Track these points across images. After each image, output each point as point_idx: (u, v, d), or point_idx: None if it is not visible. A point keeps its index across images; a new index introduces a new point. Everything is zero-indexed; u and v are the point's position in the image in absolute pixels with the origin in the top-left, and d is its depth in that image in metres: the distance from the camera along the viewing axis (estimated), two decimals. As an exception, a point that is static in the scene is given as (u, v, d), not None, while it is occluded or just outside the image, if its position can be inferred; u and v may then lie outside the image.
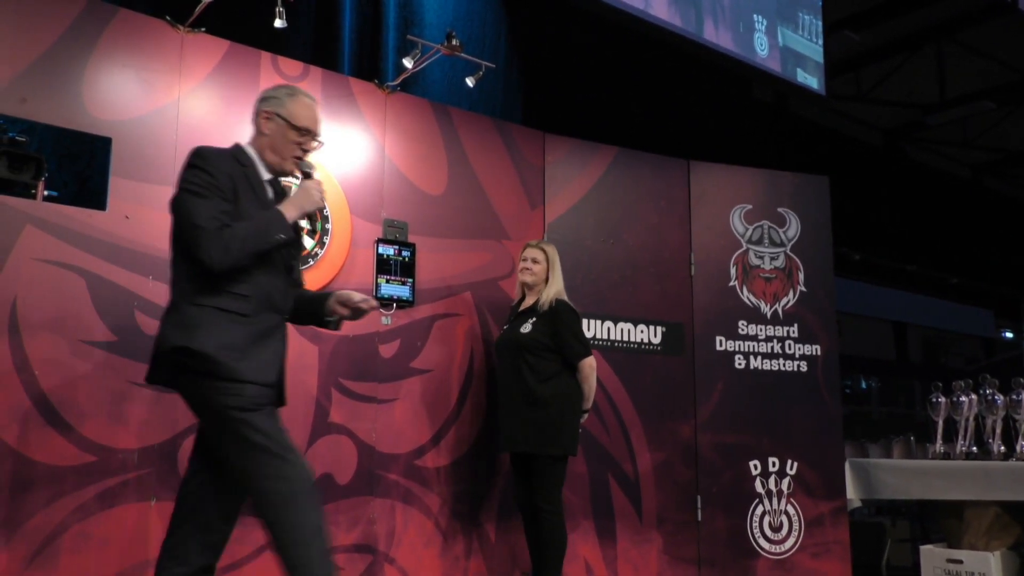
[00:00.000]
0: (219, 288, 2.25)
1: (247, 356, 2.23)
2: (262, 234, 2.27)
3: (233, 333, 2.24)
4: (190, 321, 2.23)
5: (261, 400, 2.25)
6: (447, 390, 3.82)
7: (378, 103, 3.78)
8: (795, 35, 6.14)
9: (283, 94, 2.46)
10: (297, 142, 2.42)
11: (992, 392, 4.22)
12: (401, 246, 3.72)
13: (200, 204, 2.25)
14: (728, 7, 5.71)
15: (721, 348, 4.50)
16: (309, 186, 2.41)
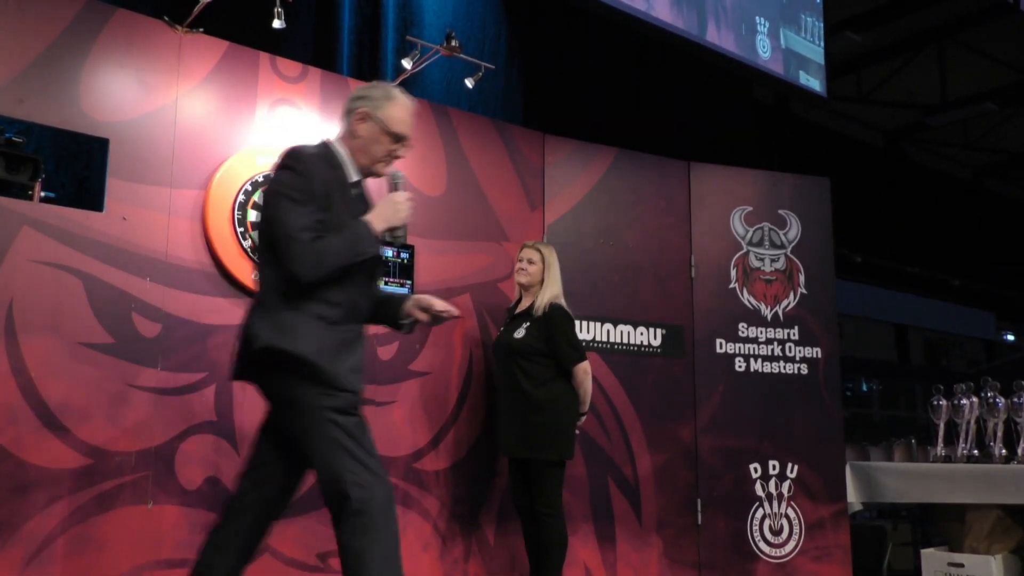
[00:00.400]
0: (313, 294, 2.26)
1: (336, 363, 2.26)
2: (352, 249, 2.27)
3: (325, 340, 2.26)
4: (286, 324, 2.24)
5: (354, 408, 2.29)
6: (446, 393, 3.80)
7: (377, 104, 3.76)
8: (797, 37, 6.13)
9: (380, 95, 2.41)
10: (390, 149, 2.39)
11: (993, 395, 4.20)
12: (400, 248, 3.69)
13: (295, 212, 2.23)
14: (731, 9, 5.69)
15: (721, 350, 4.48)
16: (397, 200, 2.38)
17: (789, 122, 8.87)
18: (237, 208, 3.32)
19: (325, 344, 2.25)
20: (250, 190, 3.36)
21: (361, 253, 2.28)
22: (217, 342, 3.23)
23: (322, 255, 2.21)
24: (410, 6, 4.59)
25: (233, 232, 3.30)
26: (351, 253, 2.26)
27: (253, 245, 3.33)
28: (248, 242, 3.32)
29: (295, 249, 2.21)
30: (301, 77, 3.57)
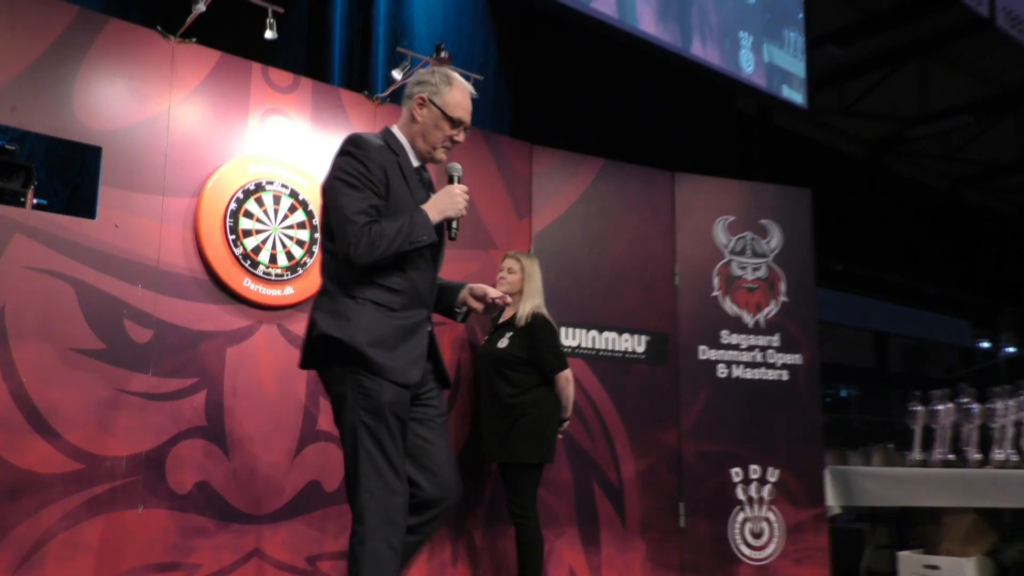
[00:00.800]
0: (373, 281, 2.30)
1: (394, 353, 2.29)
2: (406, 236, 2.28)
3: (383, 328, 2.29)
4: (345, 312, 2.29)
5: (399, 404, 2.30)
6: (434, 398, 3.81)
7: (368, 114, 3.79)
8: (780, 51, 6.23)
9: (439, 80, 2.43)
10: (448, 134, 2.42)
11: (968, 401, 4.27)
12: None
13: (352, 196, 2.28)
14: (715, 24, 5.77)
15: (704, 357, 4.53)
16: (455, 191, 2.40)
17: (772, 133, 8.95)
18: (229, 216, 3.33)
19: (382, 332, 2.27)
20: (242, 198, 3.37)
21: (416, 240, 2.29)
22: (208, 348, 3.25)
23: (376, 239, 2.24)
24: (401, 18, 4.62)
25: (225, 239, 3.32)
26: (405, 240, 2.27)
27: (244, 252, 3.34)
28: (240, 250, 3.34)
29: (349, 232, 2.25)
30: (293, 87, 3.59)
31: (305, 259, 3.49)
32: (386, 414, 2.28)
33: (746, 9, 6.08)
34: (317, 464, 3.45)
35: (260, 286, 3.37)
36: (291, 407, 3.41)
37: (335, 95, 3.74)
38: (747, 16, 6.05)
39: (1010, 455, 4.19)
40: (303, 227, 3.51)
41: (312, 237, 3.53)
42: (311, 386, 3.46)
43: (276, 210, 3.46)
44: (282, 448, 3.37)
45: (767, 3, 6.26)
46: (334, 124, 3.68)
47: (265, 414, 3.35)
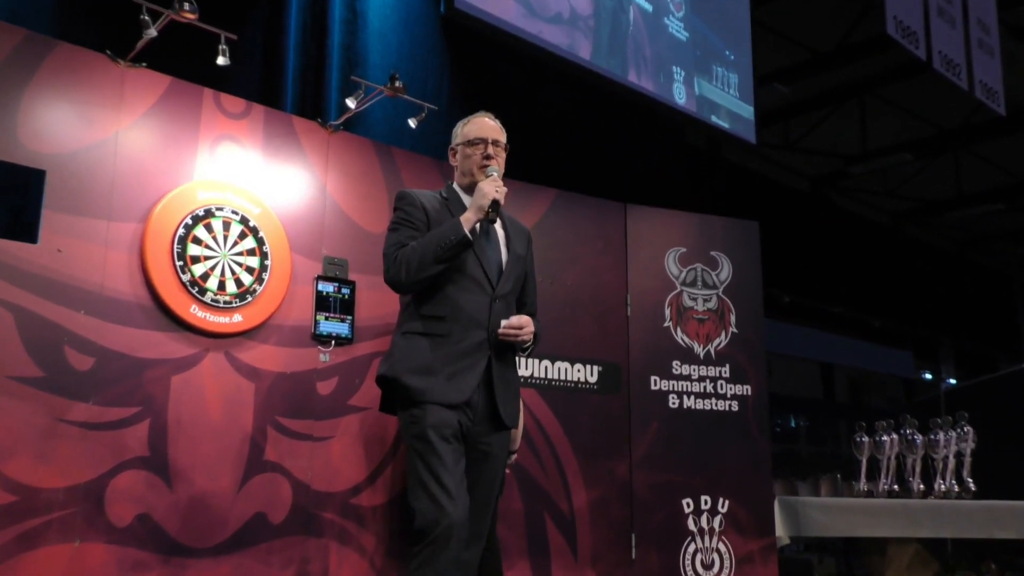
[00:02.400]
0: (418, 313, 2.41)
1: (436, 376, 2.33)
2: (433, 240, 2.37)
3: (427, 354, 2.36)
4: (392, 350, 2.44)
5: (443, 425, 2.33)
6: (384, 428, 3.77)
7: (320, 142, 3.77)
8: (711, 86, 6.47)
9: (456, 130, 2.67)
10: (476, 154, 2.57)
11: (912, 432, 4.36)
12: (341, 283, 3.69)
13: (391, 237, 2.49)
14: (650, 58, 5.95)
15: (656, 387, 4.56)
16: (481, 185, 2.49)
17: (721, 166, 9.13)
18: (177, 242, 3.28)
19: (427, 360, 2.34)
20: (190, 223, 3.32)
21: (445, 241, 2.35)
22: (152, 376, 3.17)
23: (405, 256, 2.36)
24: (355, 47, 4.63)
25: (172, 265, 3.25)
26: (432, 245, 2.35)
27: (192, 279, 3.29)
28: (187, 276, 3.28)
29: (386, 263, 2.43)
30: (244, 113, 3.56)
31: (255, 286, 3.44)
32: (431, 437, 2.32)
33: (678, 45, 6.28)
34: (263, 495, 3.37)
35: (208, 313, 3.31)
36: (237, 437, 3.34)
37: (288, 122, 3.72)
38: (679, 52, 6.25)
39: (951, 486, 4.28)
40: (253, 254, 3.46)
41: (263, 264, 3.48)
42: (258, 416, 3.40)
43: (226, 236, 3.41)
44: (227, 479, 3.30)
45: (697, 40, 6.52)
46: (286, 151, 3.66)
47: (210, 444, 3.27)
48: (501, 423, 2.45)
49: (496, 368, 2.42)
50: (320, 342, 3.60)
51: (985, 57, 6.90)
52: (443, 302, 2.38)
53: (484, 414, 2.42)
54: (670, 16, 6.30)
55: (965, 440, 4.38)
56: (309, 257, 3.65)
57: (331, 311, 3.64)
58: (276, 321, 3.49)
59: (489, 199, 2.44)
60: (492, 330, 2.42)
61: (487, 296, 2.44)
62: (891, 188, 11.12)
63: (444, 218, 2.48)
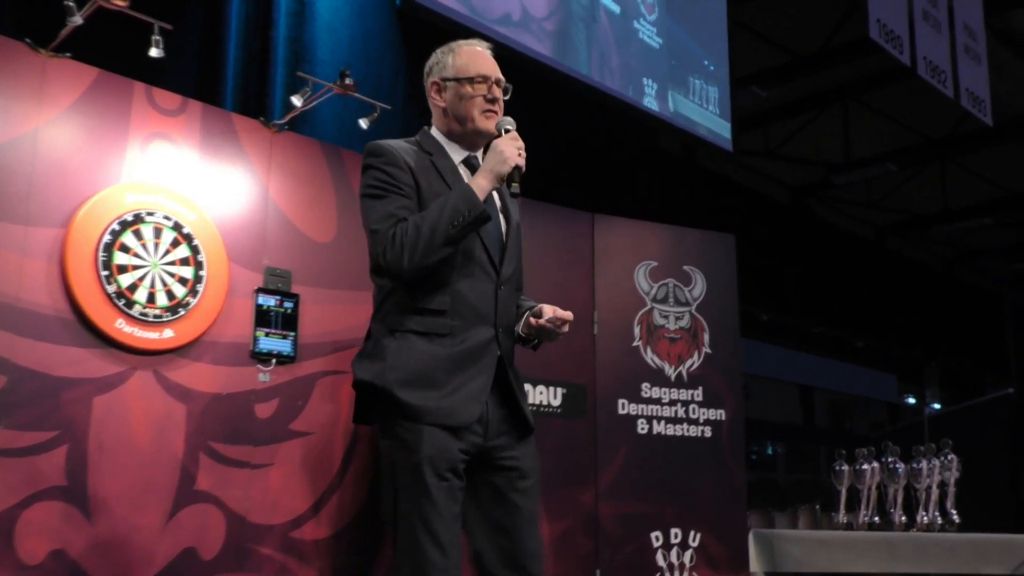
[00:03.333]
0: (412, 306, 2.07)
1: (439, 391, 2.03)
2: (445, 216, 2.00)
3: (427, 361, 2.04)
4: (378, 351, 2.09)
5: (441, 457, 2.02)
6: (330, 454, 3.75)
7: (263, 142, 3.75)
8: (687, 101, 6.38)
9: (439, 56, 2.26)
10: (476, 95, 2.20)
11: (894, 460, 4.43)
12: (283, 297, 3.66)
13: (375, 206, 2.10)
14: (616, 68, 5.84)
15: (624, 411, 4.58)
16: (497, 144, 2.14)
17: (696, 174, 9.25)
18: (102, 249, 3.23)
19: (426, 367, 2.03)
20: (118, 230, 3.28)
21: (458, 218, 2.00)
22: (72, 397, 3.12)
23: (405, 236, 2.00)
24: (302, 40, 4.62)
25: (96, 276, 3.21)
26: (444, 223, 2.00)
27: (118, 290, 3.24)
28: (113, 287, 3.23)
29: (376, 242, 2.05)
30: (180, 110, 3.53)
31: (188, 299, 3.40)
32: (424, 472, 2.01)
33: (650, 54, 6.13)
34: (194, 529, 3.32)
35: (135, 328, 3.26)
36: (166, 464, 3.29)
37: (227, 120, 3.69)
38: (651, 63, 6.11)
39: (935, 518, 4.36)
40: (187, 263, 3.43)
41: (197, 275, 3.44)
42: (190, 441, 3.35)
43: (157, 244, 3.37)
44: (154, 511, 3.24)
45: (672, 48, 6.32)
46: (225, 152, 3.63)
47: (135, 472, 3.22)
48: (524, 429, 2.17)
49: (509, 368, 2.17)
50: (260, 360, 3.57)
51: (971, 64, 7.10)
52: (442, 292, 2.06)
53: (500, 424, 2.14)
54: (641, 19, 6.06)
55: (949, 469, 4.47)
56: (249, 268, 3.62)
57: (272, 327, 3.62)
58: (211, 337, 3.45)
59: (511, 164, 2.10)
60: (499, 324, 2.14)
61: (491, 282, 2.16)
62: (875, 200, 11.34)
63: (432, 178, 2.13)
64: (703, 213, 8.73)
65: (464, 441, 2.08)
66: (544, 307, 2.26)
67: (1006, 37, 8.52)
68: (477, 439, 2.11)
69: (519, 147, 2.18)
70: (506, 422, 2.17)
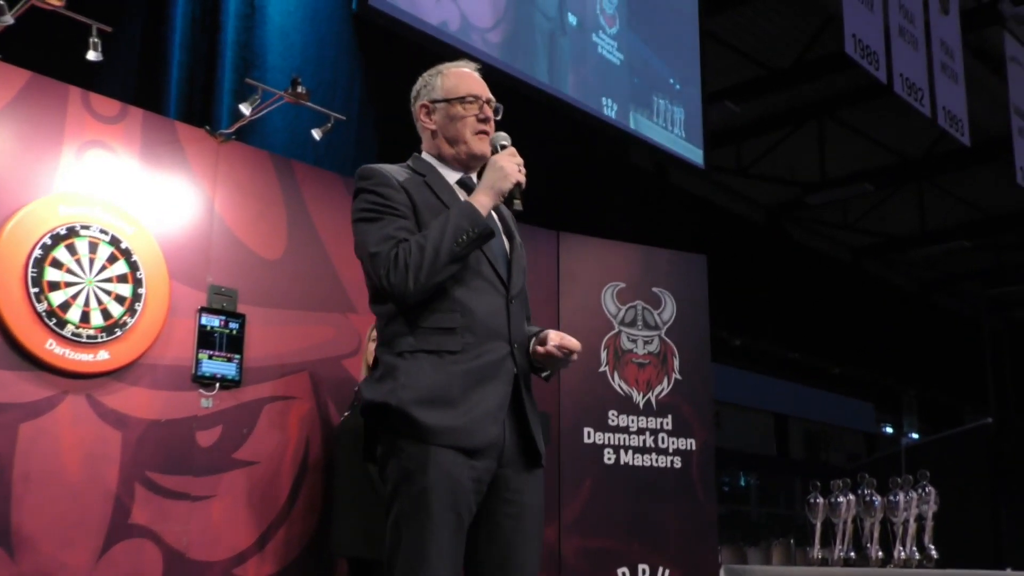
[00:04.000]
0: (420, 326, 2.07)
1: (455, 410, 2.01)
2: (449, 234, 2.04)
3: (441, 378, 2.03)
4: (388, 372, 2.06)
5: (450, 487, 1.98)
6: (276, 485, 3.72)
7: (209, 152, 3.74)
8: (650, 122, 6.23)
9: (428, 79, 2.32)
10: (467, 115, 2.24)
11: (870, 493, 4.48)
12: (228, 317, 3.64)
13: (371, 229, 2.10)
14: (573, 85, 5.70)
15: (589, 440, 4.60)
16: (496, 160, 2.17)
17: (667, 192, 9.34)
18: (32, 264, 3.19)
19: (440, 385, 2.02)
20: (49, 244, 3.24)
21: (462, 237, 2.04)
22: (-3, 424, 3.06)
23: (409, 256, 2.03)
24: (252, 45, 4.61)
25: (25, 293, 3.16)
26: (447, 241, 2.03)
27: (49, 309, 3.20)
28: (44, 305, 3.18)
29: (377, 265, 2.06)
30: (119, 117, 3.51)
31: (125, 319, 3.36)
32: (430, 502, 1.98)
33: (609, 70, 5.94)
34: (128, 566, 3.27)
35: (67, 349, 3.22)
36: (98, 496, 3.24)
37: (170, 129, 3.68)
38: (610, 78, 5.92)
39: (912, 553, 4.41)
40: (124, 280, 3.39)
41: (135, 293, 3.40)
42: (125, 471, 3.31)
43: (92, 260, 3.34)
44: (84, 547, 3.19)
45: (635, 64, 6.17)
46: (168, 162, 3.61)
47: (65, 505, 3.16)
48: (534, 459, 2.14)
49: (524, 390, 2.16)
50: (202, 385, 3.55)
51: (948, 82, 7.27)
52: (451, 310, 2.08)
53: (514, 451, 2.11)
54: (600, 32, 5.89)
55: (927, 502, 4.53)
56: (192, 286, 3.60)
57: (216, 349, 3.59)
58: (150, 360, 3.42)
59: (512, 181, 2.15)
60: (514, 340, 2.15)
61: (501, 297, 2.17)
62: (851, 221, 11.53)
63: (427, 197, 2.17)
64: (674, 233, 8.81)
65: (477, 467, 2.05)
66: (549, 333, 2.24)
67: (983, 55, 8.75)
68: (492, 465, 2.08)
69: (519, 163, 2.19)
70: (517, 449, 2.13)
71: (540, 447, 2.15)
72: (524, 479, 2.13)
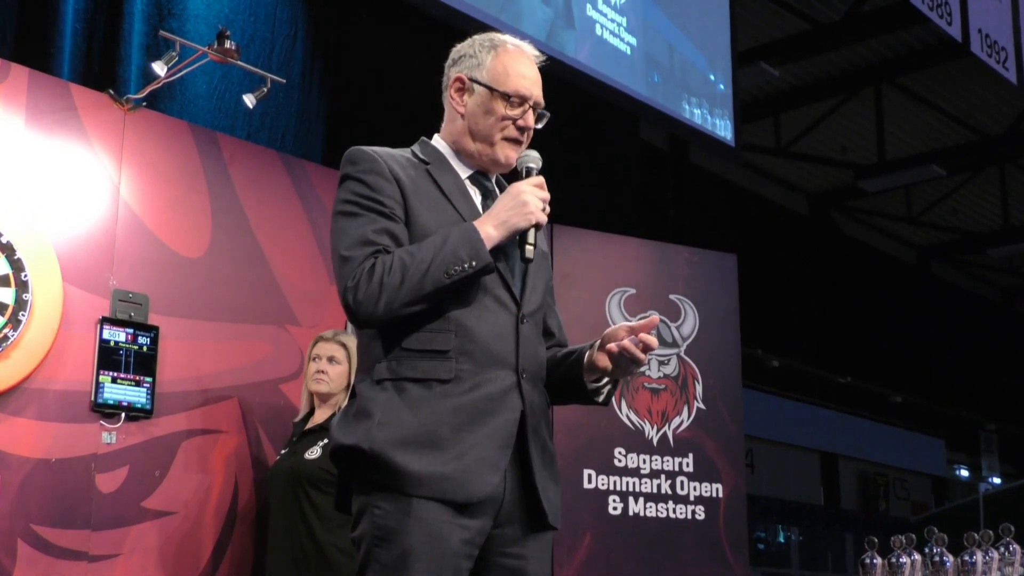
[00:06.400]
0: (405, 347, 2.08)
1: (441, 450, 2.01)
2: (441, 260, 2.04)
3: (428, 413, 2.03)
4: (364, 407, 2.06)
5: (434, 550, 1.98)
6: (197, 541, 3.71)
7: (113, 123, 3.73)
8: (664, 86, 6.28)
9: (479, 48, 2.28)
10: (506, 116, 2.24)
11: (940, 551, 4.49)
12: (137, 330, 3.63)
13: (348, 226, 2.11)
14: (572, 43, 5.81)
15: (591, 485, 4.60)
16: (519, 190, 2.16)
17: (687, 175, 9.38)
18: None
19: (424, 423, 2.02)
20: (-89, 237, 3.23)
21: (453, 269, 2.04)
22: None
23: (386, 274, 2.03)
24: (168, -11, 4.62)
25: None
26: (442, 264, 2.04)
27: (-90, 319, 3.19)
28: (-98, 314, 3.17)
29: (347, 271, 2.07)
30: (1, 78, 3.50)
31: (6, 331, 3.35)
32: (411, 569, 1.98)
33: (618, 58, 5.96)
34: (8, 644, 3.26)
35: (-68, 371, 3.21)
36: (-28, 556, 3.23)
37: (64, 93, 3.67)
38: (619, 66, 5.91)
39: (993, 624, 4.43)
40: (5, 283, 3.38)
41: (19, 299, 3.39)
42: (5, 525, 3.29)
43: (-36, 257, 3.33)
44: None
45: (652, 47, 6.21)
46: (61, 134, 3.60)
47: (-71, 567, 3.15)
48: (540, 521, 2.13)
49: (531, 429, 2.13)
50: (104, 415, 3.53)
51: (1040, 40, 7.31)
52: (443, 328, 2.08)
53: (515, 508, 2.10)
54: (600, 2, 5.80)
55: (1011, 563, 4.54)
56: (91, 290, 3.59)
57: (121, 370, 3.58)
58: (37, 383, 3.41)
59: (531, 221, 2.13)
60: (523, 368, 2.14)
61: (510, 315, 2.16)
62: (916, 213, 11.59)
63: (428, 193, 2.19)
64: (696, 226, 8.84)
65: (470, 527, 2.05)
66: (617, 329, 2.19)
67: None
68: (487, 524, 2.08)
69: (544, 198, 2.19)
70: (520, 506, 2.13)
71: (547, 506, 2.13)
72: (525, 542, 2.13)
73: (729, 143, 6.82)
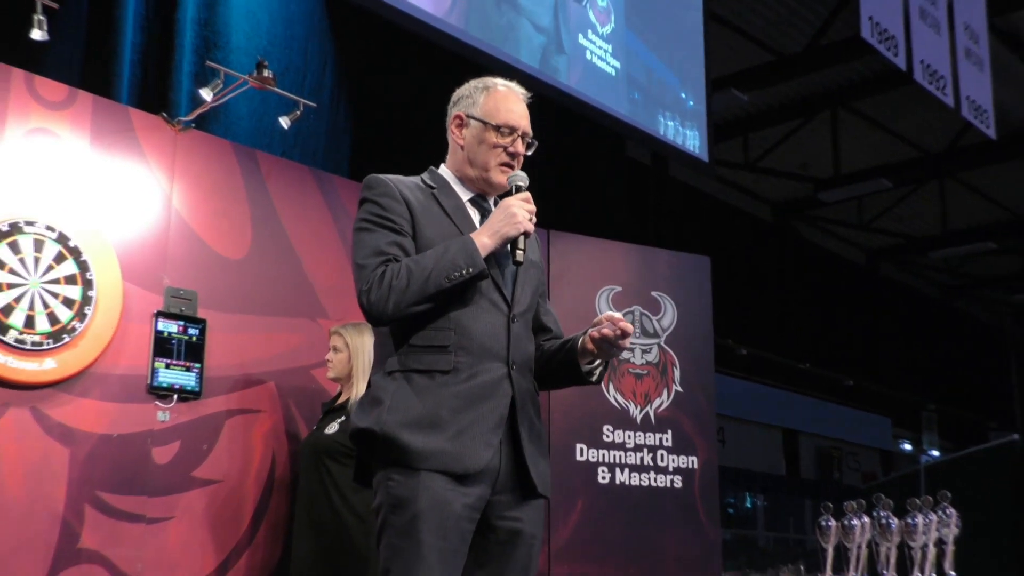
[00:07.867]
0: (411, 344, 2.19)
1: (442, 430, 2.11)
2: (442, 267, 2.15)
3: (431, 400, 2.13)
4: (376, 395, 2.18)
5: (441, 514, 2.07)
6: (239, 506, 3.72)
7: (166, 142, 3.73)
8: (647, 110, 6.27)
9: (472, 89, 2.41)
10: (498, 145, 2.35)
11: (887, 515, 4.49)
12: (187, 322, 3.64)
13: (364, 240, 2.23)
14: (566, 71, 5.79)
15: (582, 458, 4.61)
16: (509, 204, 2.26)
17: (667, 187, 9.37)
18: (-30, 264, 3.18)
19: (428, 407, 2.12)
20: (-10, 241, 3.23)
21: (453, 273, 2.14)
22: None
23: (394, 278, 2.14)
24: (214, 24, 4.61)
25: (-37, 295, 3.16)
26: (443, 270, 2.14)
27: (-10, 313, 3.20)
28: (-17, 308, 3.18)
29: (362, 278, 2.18)
30: (67, 103, 3.50)
31: (74, 324, 3.35)
32: (420, 532, 2.07)
33: (603, 80, 5.88)
34: (76, 596, 3.27)
35: (9, 357, 3.21)
36: (44, 518, 3.23)
37: (123, 116, 3.67)
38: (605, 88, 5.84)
39: (932, 579, 4.43)
40: (73, 282, 3.39)
41: (85, 295, 3.40)
42: (72, 491, 3.30)
43: (37, 259, 3.33)
44: (30, 573, 3.18)
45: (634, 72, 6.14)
46: (120, 152, 3.60)
47: (6, 528, 3.16)
48: (532, 489, 2.21)
49: (521, 412, 2.22)
50: (158, 396, 3.54)
51: (973, 69, 7.30)
52: (444, 327, 2.19)
53: (509, 478, 2.19)
54: (590, 32, 5.77)
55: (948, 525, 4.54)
56: (147, 288, 3.59)
57: (174, 357, 3.59)
58: (101, 369, 3.41)
59: (520, 230, 2.23)
60: (513, 360, 2.24)
61: (502, 315, 2.26)
62: (867, 220, 11.59)
63: (433, 214, 2.29)
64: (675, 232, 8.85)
65: (471, 494, 2.13)
66: (600, 318, 2.27)
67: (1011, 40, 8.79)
68: (486, 492, 2.16)
69: (531, 211, 2.28)
70: (513, 476, 2.21)
71: (535, 477, 2.21)
72: (520, 507, 2.21)
73: (703, 159, 6.83)
